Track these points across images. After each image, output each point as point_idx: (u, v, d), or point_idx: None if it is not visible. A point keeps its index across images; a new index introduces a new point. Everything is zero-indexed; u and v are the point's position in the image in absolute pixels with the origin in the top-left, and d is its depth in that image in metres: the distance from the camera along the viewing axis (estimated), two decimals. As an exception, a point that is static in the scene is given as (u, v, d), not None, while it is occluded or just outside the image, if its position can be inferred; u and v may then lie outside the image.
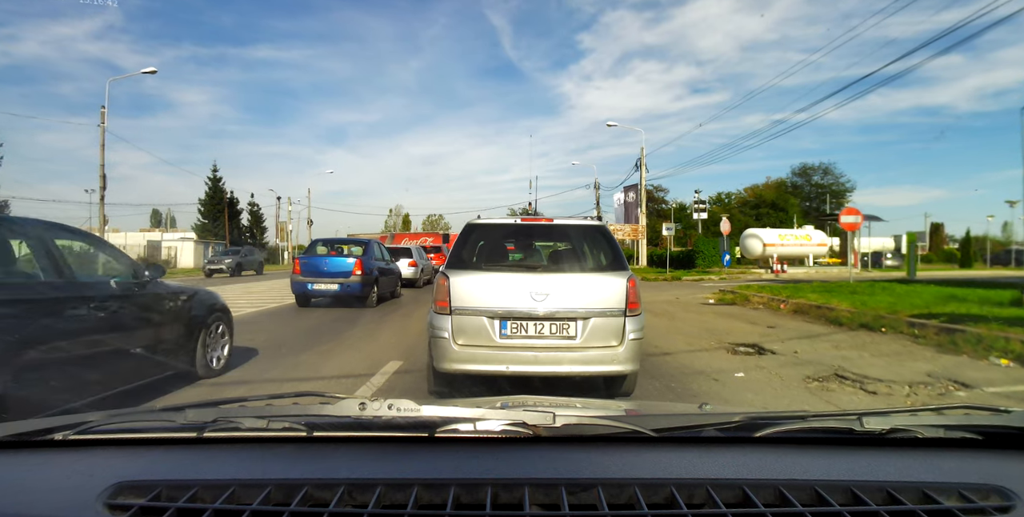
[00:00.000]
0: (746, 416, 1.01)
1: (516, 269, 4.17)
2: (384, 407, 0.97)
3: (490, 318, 3.77)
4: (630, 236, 31.97)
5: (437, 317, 3.85)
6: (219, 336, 4.98)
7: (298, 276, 10.88)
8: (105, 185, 25.92)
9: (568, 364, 3.77)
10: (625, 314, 3.80)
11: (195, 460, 0.95)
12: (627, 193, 36.09)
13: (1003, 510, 0.80)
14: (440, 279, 3.92)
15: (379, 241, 12.94)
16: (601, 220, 4.49)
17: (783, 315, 10.07)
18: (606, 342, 3.77)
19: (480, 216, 4.49)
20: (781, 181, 58.38)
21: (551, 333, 3.75)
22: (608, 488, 0.83)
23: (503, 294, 3.80)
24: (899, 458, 0.94)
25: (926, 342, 6.74)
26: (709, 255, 29.81)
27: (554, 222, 4.34)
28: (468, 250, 4.25)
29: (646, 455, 0.96)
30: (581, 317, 3.76)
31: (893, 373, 5.18)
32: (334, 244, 12.61)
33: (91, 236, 4.34)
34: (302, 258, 11.22)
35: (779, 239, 28.98)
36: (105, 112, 25.38)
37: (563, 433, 0.96)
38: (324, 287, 10.70)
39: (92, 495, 0.81)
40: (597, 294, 3.83)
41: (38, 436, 1.00)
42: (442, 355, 3.80)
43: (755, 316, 9.96)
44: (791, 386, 4.77)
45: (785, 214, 50.28)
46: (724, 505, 0.79)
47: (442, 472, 0.87)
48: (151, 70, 25.36)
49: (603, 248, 4.24)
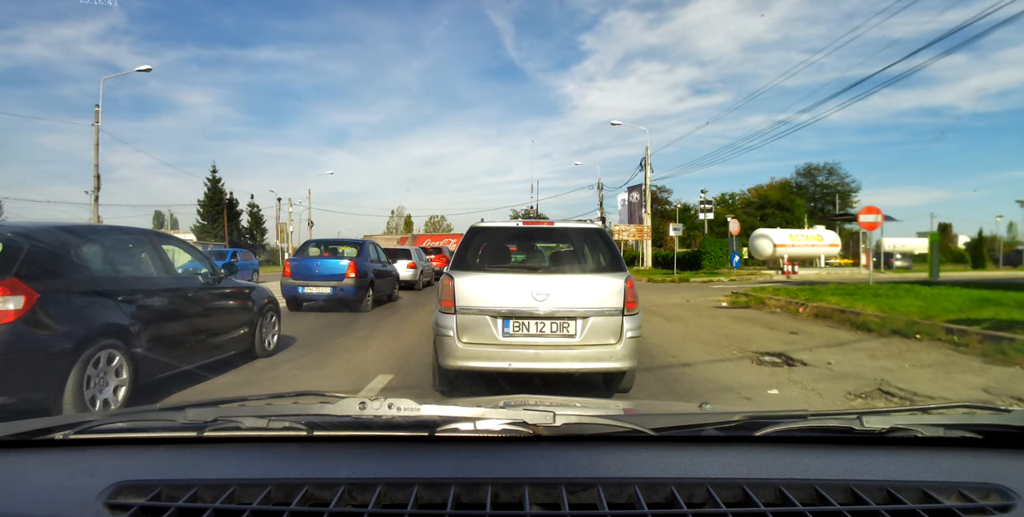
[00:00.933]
0: (746, 415, 1.00)
1: (518, 270, 4.30)
2: (384, 406, 0.97)
3: (493, 317, 3.91)
4: (635, 237, 31.33)
5: (442, 316, 3.99)
6: (271, 324, 6.01)
7: (288, 279, 10.25)
8: (99, 185, 25.61)
9: (568, 361, 3.91)
10: (623, 313, 3.93)
11: (195, 460, 0.95)
12: (631, 193, 35.52)
13: (1003, 509, 0.79)
14: (445, 279, 4.07)
15: (374, 242, 12.27)
16: (605, 221, 5.01)
17: (803, 320, 9.50)
18: (605, 340, 3.90)
19: (483, 219, 4.69)
20: (785, 181, 58.00)
21: (552, 331, 3.89)
22: (608, 487, 0.83)
23: (506, 294, 3.94)
24: (899, 457, 0.94)
25: (969, 351, 6.19)
26: (716, 256, 29.21)
27: (555, 225, 4.55)
28: (472, 252, 4.36)
29: (646, 454, 0.95)
30: (581, 316, 3.89)
31: (944, 388, 4.67)
32: (327, 245, 11.90)
33: (183, 242, 5.36)
34: (293, 260, 10.66)
35: (790, 239, 28.08)
36: (99, 111, 25.18)
37: (563, 432, 0.96)
38: (316, 291, 10.11)
39: (92, 495, 0.81)
40: (596, 294, 3.96)
41: (38, 436, 1.00)
42: (447, 352, 3.94)
43: (773, 321, 9.41)
44: (833, 404, 4.27)
45: (791, 214, 49.69)
46: (724, 504, 0.79)
47: (442, 471, 0.87)
48: (146, 68, 25.46)
49: (602, 250, 4.39)
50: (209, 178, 47.43)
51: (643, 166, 32.04)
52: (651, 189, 32.52)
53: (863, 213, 13.75)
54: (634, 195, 34.86)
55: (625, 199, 36.72)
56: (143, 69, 25.19)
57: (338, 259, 10.40)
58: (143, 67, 25.04)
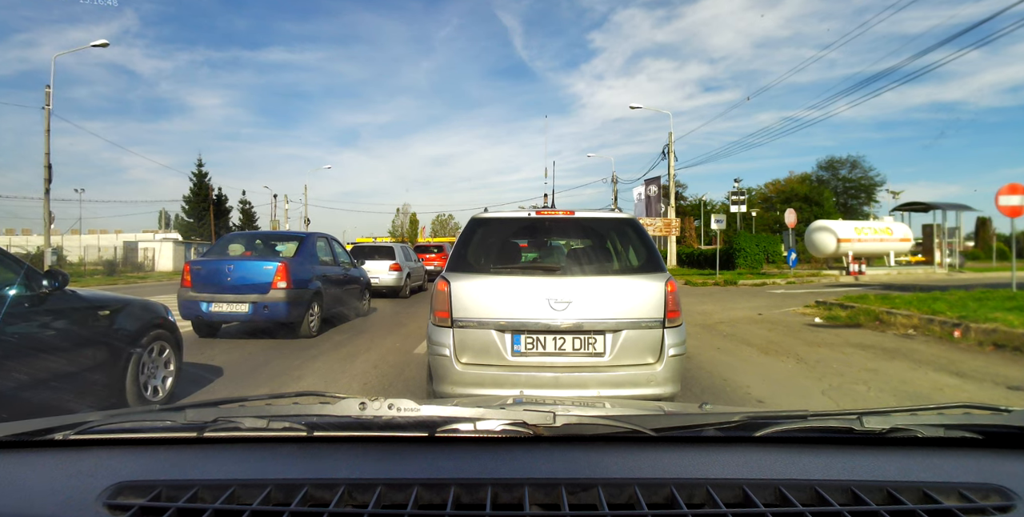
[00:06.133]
0: (746, 416, 1.00)
1: (530, 272, 3.62)
2: (384, 407, 0.97)
3: (500, 331, 3.30)
4: (662, 232, 27.78)
5: (436, 330, 3.39)
6: (163, 361, 4.15)
7: (188, 291, 6.81)
8: (51, 176, 22.94)
9: (595, 387, 3.26)
10: (664, 325, 3.31)
11: (195, 460, 0.95)
12: (648, 187, 32.34)
13: (1003, 510, 0.79)
14: (440, 284, 3.44)
15: (329, 235, 8.78)
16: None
17: (974, 350, 6.23)
18: (641, 359, 3.30)
19: (487, 209, 3.99)
20: (805, 175, 55.82)
21: (574, 349, 3.28)
22: (608, 488, 0.83)
23: (515, 302, 3.34)
24: (899, 458, 0.94)
25: None
26: (752, 254, 25.66)
27: (575, 215, 3.76)
28: (473, 249, 3.71)
29: (646, 455, 0.95)
30: (610, 329, 3.28)
31: None
32: (254, 240, 8.33)
33: None
34: (195, 263, 7.13)
35: (855, 233, 23.11)
36: (50, 93, 23.01)
37: (563, 433, 0.96)
38: (227, 309, 6.69)
39: (92, 495, 0.82)
40: (629, 301, 3.35)
41: (38, 436, 1.00)
42: (442, 376, 3.34)
43: (926, 352, 6.22)
44: None
45: (820, 208, 46.39)
46: (724, 505, 0.79)
47: (442, 472, 0.87)
48: (102, 43, 23.08)
49: (635, 245, 3.79)
50: (195, 172, 43.99)
51: (666, 154, 28.83)
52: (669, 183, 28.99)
53: (1004, 194, 9.56)
54: (651, 189, 32.40)
55: (642, 193, 34.08)
56: (99, 44, 22.92)
57: (263, 261, 6.97)
58: (99, 42, 22.95)
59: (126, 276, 25.24)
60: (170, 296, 8.02)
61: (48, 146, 21.65)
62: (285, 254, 7.41)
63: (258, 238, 8.56)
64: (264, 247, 7.99)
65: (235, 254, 7.61)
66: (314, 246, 7.86)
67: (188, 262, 7.20)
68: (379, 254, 13.14)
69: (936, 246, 16.77)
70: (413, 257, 15.23)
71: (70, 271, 12.83)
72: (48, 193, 22.14)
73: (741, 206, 27.70)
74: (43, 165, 21.81)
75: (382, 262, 12.92)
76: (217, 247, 8.01)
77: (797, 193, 51.31)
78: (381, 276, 12.75)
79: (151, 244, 35.24)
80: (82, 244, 32.51)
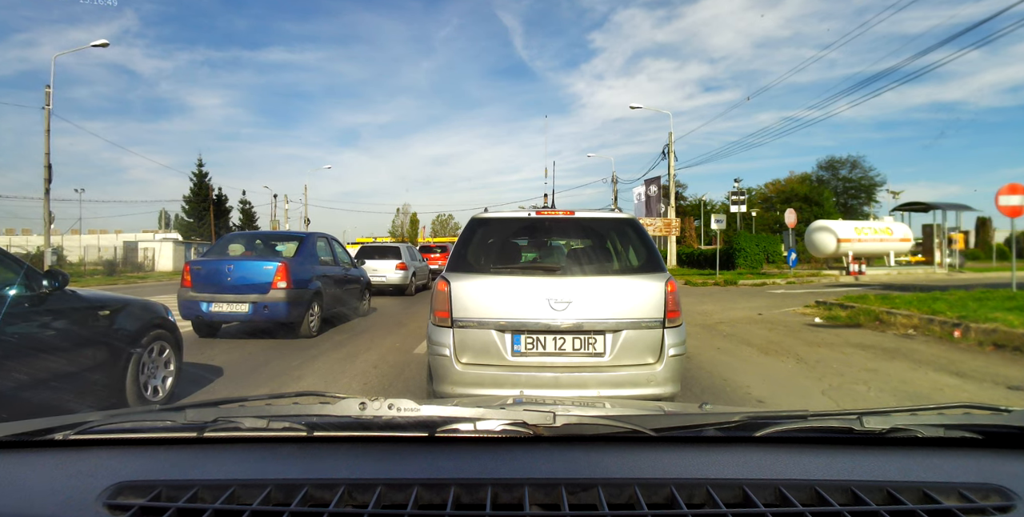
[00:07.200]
0: (746, 416, 1.00)
1: (531, 272, 3.64)
2: (384, 407, 0.97)
3: (500, 331, 3.31)
4: (662, 232, 27.82)
5: (436, 330, 3.40)
6: (164, 361, 4.14)
7: (188, 291, 6.88)
8: (51, 176, 22.86)
9: (595, 387, 3.28)
10: (664, 325, 3.33)
11: (195, 460, 0.95)
12: (648, 187, 32.41)
13: (1003, 510, 0.79)
14: (439, 284, 3.47)
15: (329, 235, 8.78)
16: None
17: (974, 350, 6.23)
18: (641, 359, 3.32)
19: (487, 209, 3.96)
20: (805, 175, 55.91)
21: (574, 349, 3.29)
22: (608, 488, 0.83)
23: (515, 302, 3.35)
24: (899, 458, 0.94)
25: None
26: (752, 254, 25.67)
27: (576, 215, 3.78)
28: (473, 249, 3.72)
29: (646, 455, 0.95)
30: (610, 329, 3.29)
31: None
32: (255, 240, 8.38)
33: None
34: (195, 263, 7.19)
35: (856, 233, 23.07)
36: (50, 93, 22.86)
37: (563, 433, 0.96)
38: (228, 309, 6.76)
39: (92, 495, 0.82)
40: (629, 301, 3.37)
41: (38, 436, 1.00)
42: (442, 376, 3.36)
43: (926, 352, 6.27)
44: None
45: (820, 208, 46.32)
46: (724, 505, 0.79)
47: (442, 472, 0.87)
48: (102, 43, 22.88)
49: (635, 245, 3.80)
50: (195, 172, 43.93)
51: (666, 154, 28.89)
52: (669, 183, 28.98)
53: (1004, 194, 9.69)
54: (651, 188, 32.46)
55: (642, 193, 34.14)
56: (99, 44, 22.79)
57: (263, 261, 7.02)
58: (99, 42, 22.76)
59: (126, 276, 25.21)
60: (170, 296, 8.05)
61: (48, 146, 21.64)
62: (285, 254, 7.48)
63: (258, 238, 8.61)
64: (264, 247, 8.04)
65: (235, 254, 7.68)
66: (314, 246, 7.89)
67: (188, 262, 7.27)
68: (386, 254, 13.77)
69: (936, 246, 16.71)
70: (418, 257, 15.90)
71: (70, 271, 12.91)
72: (48, 193, 22.12)
73: (741, 206, 27.73)
74: (43, 165, 21.81)
75: (389, 261, 13.54)
76: (217, 247, 8.05)
77: (797, 193, 51.31)
78: (388, 275, 13.48)
79: (151, 244, 35.19)
80: (82, 244, 32.49)
